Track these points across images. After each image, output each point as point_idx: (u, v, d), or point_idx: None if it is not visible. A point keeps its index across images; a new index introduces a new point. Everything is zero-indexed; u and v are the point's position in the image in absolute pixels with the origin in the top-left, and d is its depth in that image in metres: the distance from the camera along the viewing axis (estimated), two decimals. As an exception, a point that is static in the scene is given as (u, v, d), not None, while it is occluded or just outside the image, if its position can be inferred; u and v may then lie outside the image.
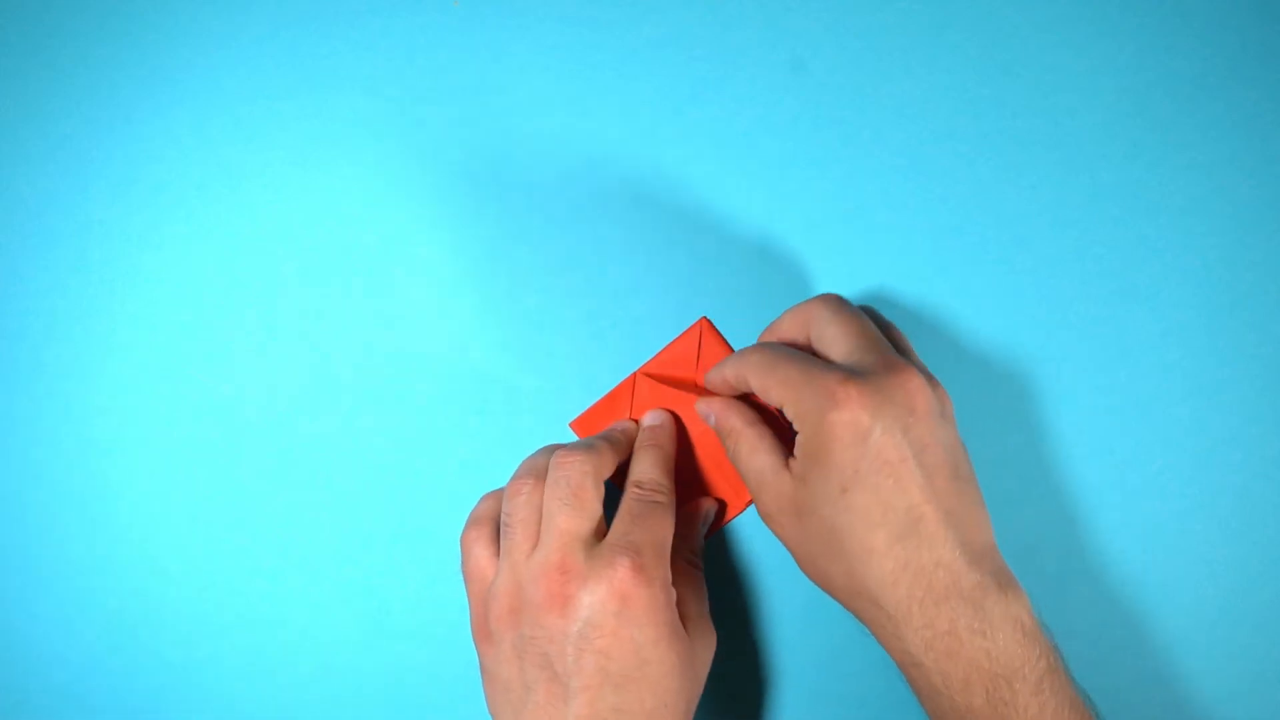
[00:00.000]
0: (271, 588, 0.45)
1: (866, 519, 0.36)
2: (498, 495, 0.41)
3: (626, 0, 0.46)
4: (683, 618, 0.38)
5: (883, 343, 0.39)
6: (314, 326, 0.45)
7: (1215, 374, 0.45)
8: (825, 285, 0.45)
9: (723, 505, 0.43)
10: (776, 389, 0.38)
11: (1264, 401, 0.45)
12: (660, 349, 0.43)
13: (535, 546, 0.38)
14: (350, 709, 0.45)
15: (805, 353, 0.39)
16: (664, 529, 0.39)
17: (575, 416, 0.44)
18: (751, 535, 0.45)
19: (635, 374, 0.43)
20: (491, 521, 0.40)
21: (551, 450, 0.40)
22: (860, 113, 0.45)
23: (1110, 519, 0.45)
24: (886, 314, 0.45)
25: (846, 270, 0.45)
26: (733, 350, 0.43)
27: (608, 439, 0.41)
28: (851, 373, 0.37)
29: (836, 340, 0.39)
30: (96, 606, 0.45)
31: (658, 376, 0.43)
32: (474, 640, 0.40)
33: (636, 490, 0.40)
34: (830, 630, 0.45)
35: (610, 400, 0.43)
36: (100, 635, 0.45)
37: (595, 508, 0.38)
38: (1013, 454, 0.45)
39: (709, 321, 0.43)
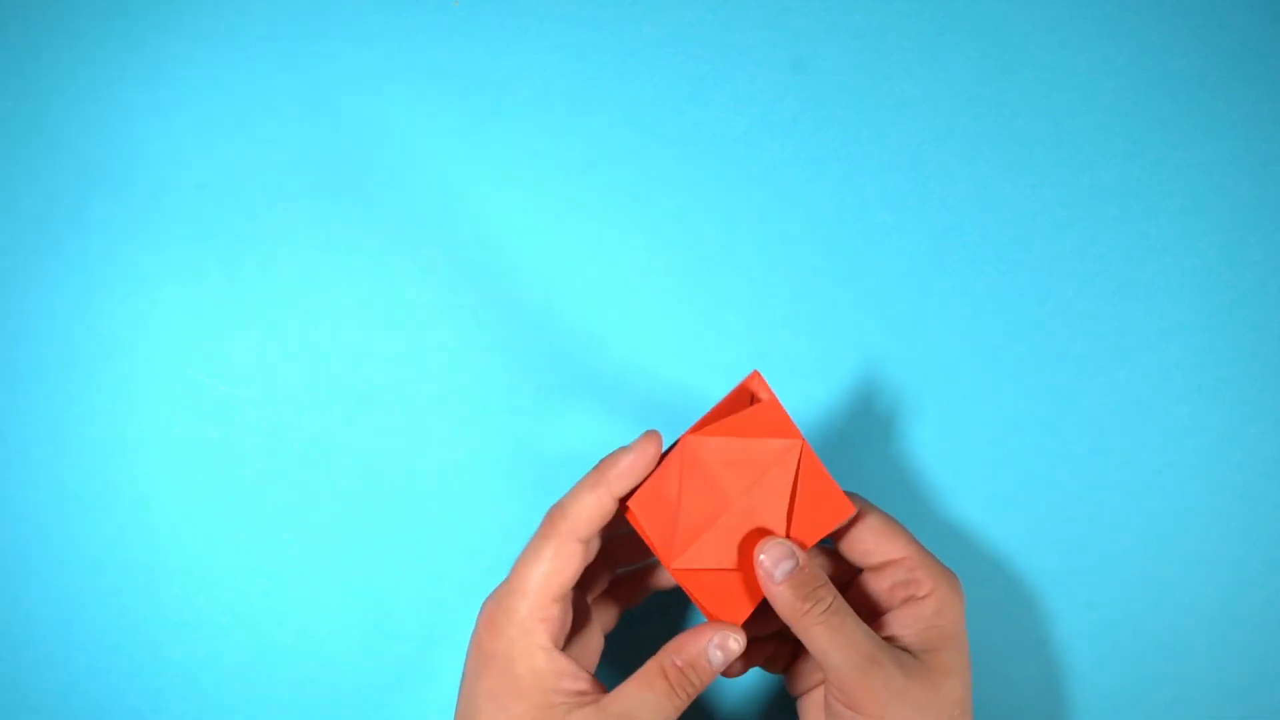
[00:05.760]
0: (271, 588, 0.45)
1: None
2: None
3: (626, 0, 0.46)
4: None
5: None
6: (314, 326, 0.45)
7: (1215, 374, 0.45)
8: (824, 285, 0.45)
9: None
10: (929, 581, 0.38)
11: (1264, 401, 0.45)
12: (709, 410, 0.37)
13: None
14: (350, 709, 0.45)
15: None
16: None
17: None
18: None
19: (684, 438, 0.37)
20: None
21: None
22: (860, 113, 0.45)
23: (1110, 519, 0.45)
24: (886, 314, 0.45)
25: (846, 270, 0.45)
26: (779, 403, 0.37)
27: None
28: None
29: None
30: (96, 606, 0.45)
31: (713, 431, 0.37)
32: None
33: None
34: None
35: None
36: (100, 635, 0.45)
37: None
38: (1012, 454, 0.45)
39: (760, 374, 0.38)
